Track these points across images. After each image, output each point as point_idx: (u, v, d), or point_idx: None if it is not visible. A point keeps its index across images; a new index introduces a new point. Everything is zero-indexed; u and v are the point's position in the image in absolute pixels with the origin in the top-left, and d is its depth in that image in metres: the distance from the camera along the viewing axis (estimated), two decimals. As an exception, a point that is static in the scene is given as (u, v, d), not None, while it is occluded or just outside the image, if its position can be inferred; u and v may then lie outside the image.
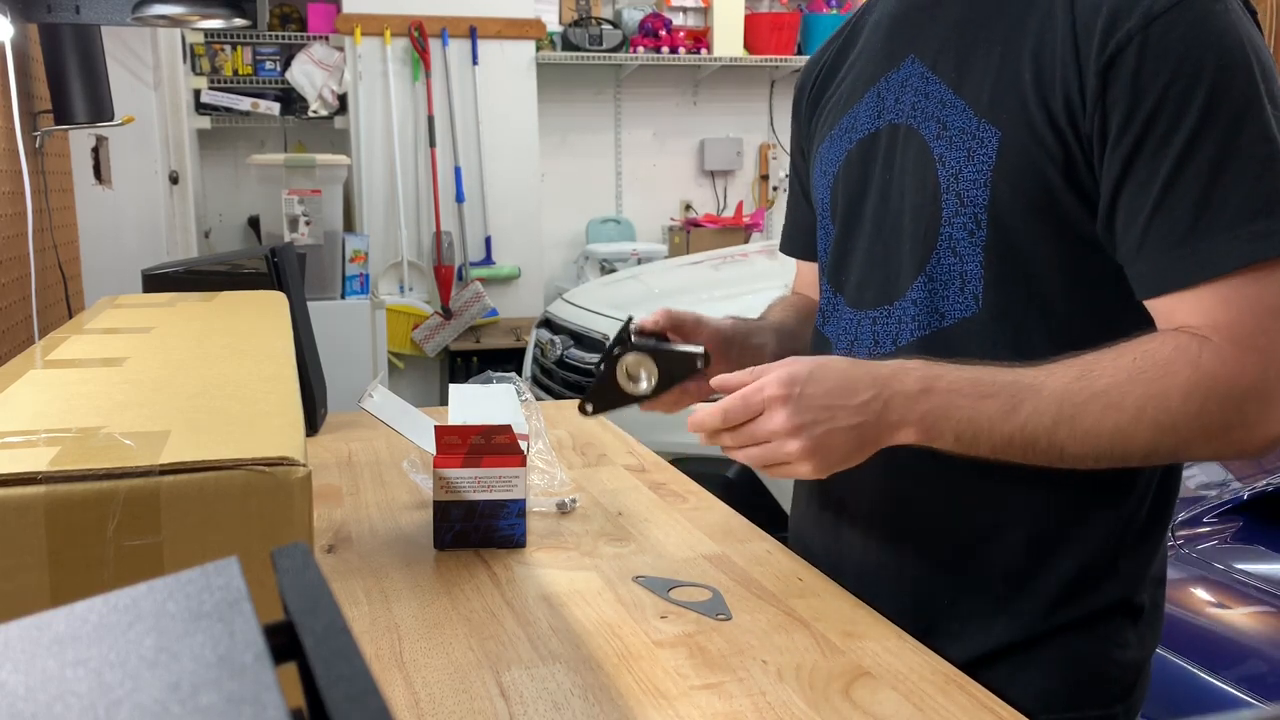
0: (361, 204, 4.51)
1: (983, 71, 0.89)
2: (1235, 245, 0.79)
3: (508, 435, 1.08)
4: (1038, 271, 0.88)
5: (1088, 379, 0.81)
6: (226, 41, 4.43)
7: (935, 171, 0.91)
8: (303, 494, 0.53)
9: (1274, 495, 1.81)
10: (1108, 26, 0.81)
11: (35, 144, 2.22)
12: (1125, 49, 0.80)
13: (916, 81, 0.94)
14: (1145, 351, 0.81)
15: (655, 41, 4.91)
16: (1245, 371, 0.79)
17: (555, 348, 3.33)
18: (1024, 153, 0.85)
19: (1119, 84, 0.81)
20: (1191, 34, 0.79)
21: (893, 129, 0.96)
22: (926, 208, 0.92)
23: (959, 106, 0.90)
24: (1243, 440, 0.81)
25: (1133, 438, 0.80)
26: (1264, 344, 0.79)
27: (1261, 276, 0.79)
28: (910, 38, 0.96)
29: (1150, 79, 0.80)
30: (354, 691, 0.26)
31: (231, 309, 1.04)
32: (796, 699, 0.80)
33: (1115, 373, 0.80)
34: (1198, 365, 0.79)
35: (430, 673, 0.84)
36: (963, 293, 0.91)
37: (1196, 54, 0.79)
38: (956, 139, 0.90)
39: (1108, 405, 0.80)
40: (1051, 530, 0.92)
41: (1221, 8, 0.80)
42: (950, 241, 0.91)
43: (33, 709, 0.26)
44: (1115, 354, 0.82)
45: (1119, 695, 0.94)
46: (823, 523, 1.07)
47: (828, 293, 1.06)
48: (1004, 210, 0.87)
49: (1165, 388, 0.79)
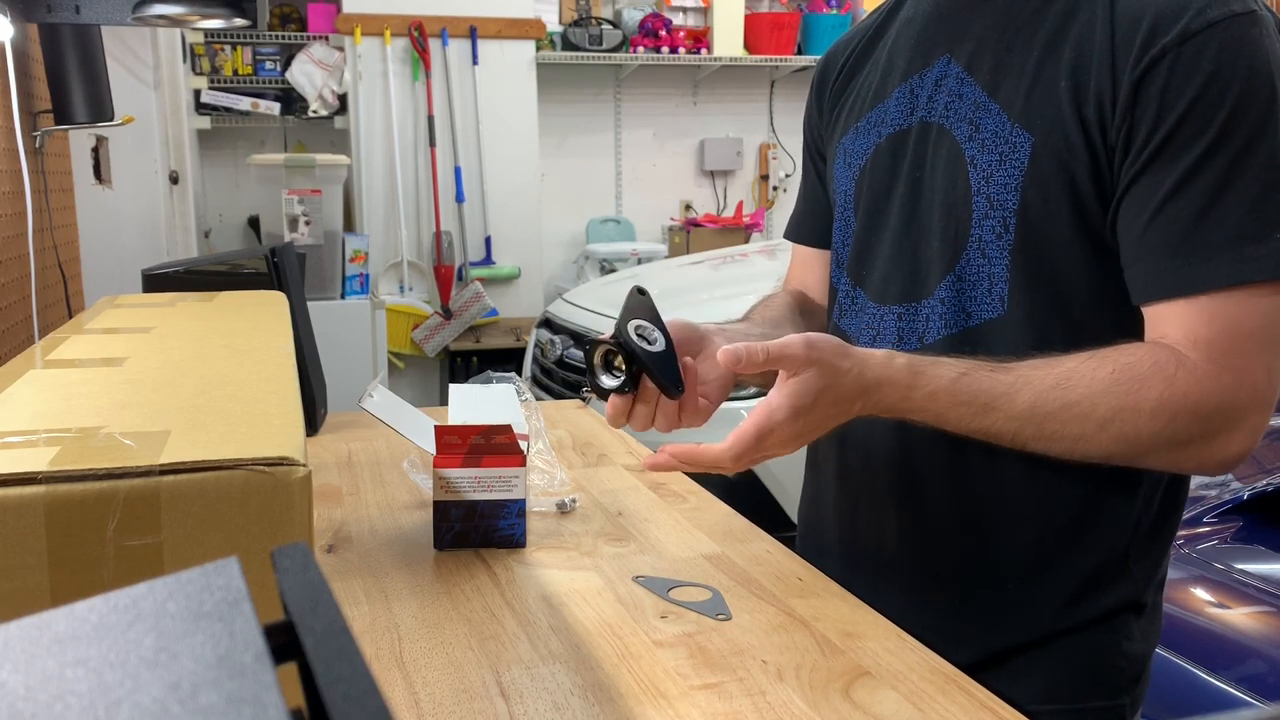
0: (361, 204, 4.51)
1: (1019, 77, 0.89)
2: (1225, 264, 0.80)
3: (508, 435, 1.08)
4: (1064, 277, 0.89)
5: (1064, 388, 0.83)
6: (226, 41, 4.43)
7: (966, 173, 0.92)
8: (303, 494, 0.53)
9: (1274, 495, 1.81)
10: (1146, 40, 0.82)
11: (35, 144, 2.22)
12: (1159, 63, 0.81)
13: (951, 82, 0.95)
14: (1125, 364, 0.82)
15: (655, 41, 4.91)
16: (1216, 390, 0.81)
17: (555, 348, 3.33)
18: (1056, 160, 0.86)
19: (1148, 97, 0.82)
20: (1224, 54, 0.80)
21: (924, 127, 0.96)
22: (957, 208, 0.92)
23: (993, 110, 0.90)
24: (1202, 456, 0.83)
25: (1094, 444, 0.83)
26: (1238, 365, 0.81)
27: (1246, 298, 0.81)
28: (946, 37, 0.97)
29: (1177, 95, 0.81)
30: (354, 691, 0.26)
31: (231, 309, 1.04)
32: (796, 699, 0.80)
33: (1092, 383, 0.82)
34: (1172, 382, 0.81)
35: (430, 673, 0.84)
36: (990, 294, 0.91)
37: (1226, 74, 0.80)
38: (989, 142, 0.90)
39: (1077, 415, 0.82)
40: (1065, 530, 0.93)
41: (1258, 32, 0.81)
42: (980, 243, 0.91)
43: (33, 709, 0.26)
44: (1096, 364, 0.83)
45: (1125, 686, 0.95)
46: (839, 518, 1.07)
47: (846, 286, 1.06)
48: (1033, 216, 0.88)
49: (1137, 401, 0.81)
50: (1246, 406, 0.82)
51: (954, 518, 0.96)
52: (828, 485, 1.09)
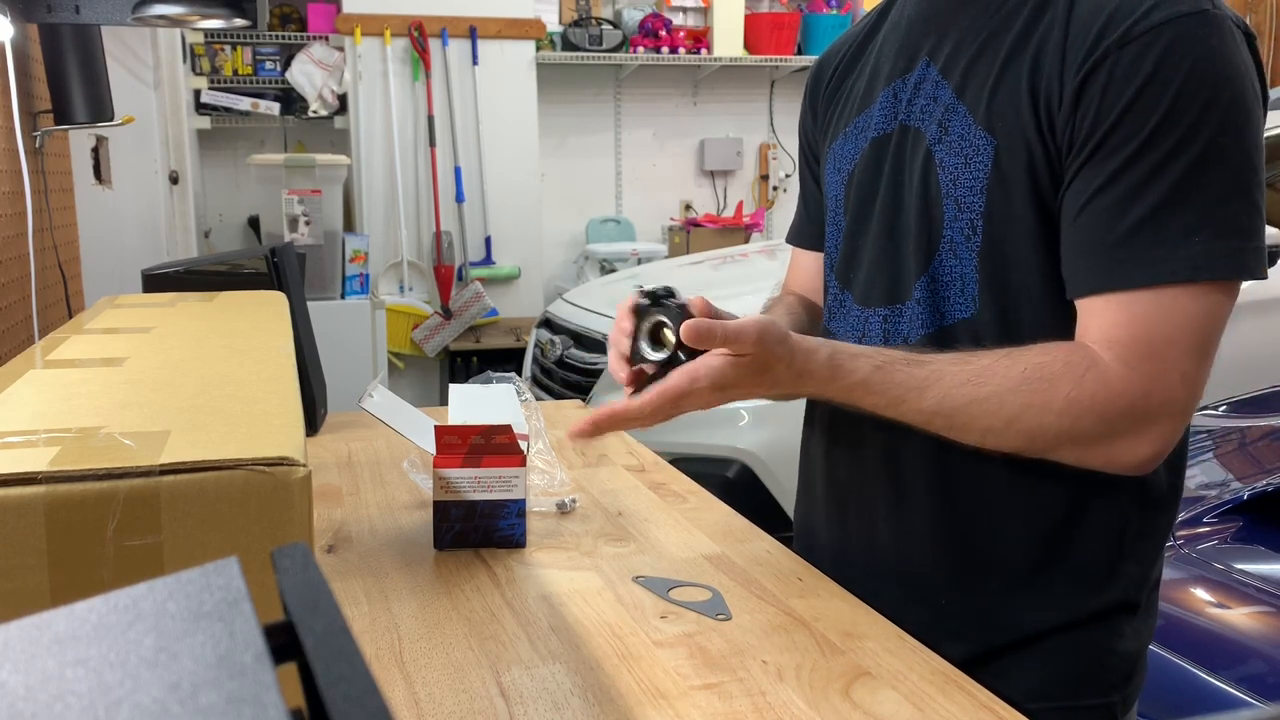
0: (361, 204, 4.51)
1: (985, 79, 0.90)
2: (1141, 264, 0.81)
3: (508, 435, 1.08)
4: (1030, 276, 0.89)
5: (974, 384, 0.85)
6: (226, 41, 4.43)
7: (937, 175, 0.92)
8: (303, 494, 0.53)
9: (1274, 495, 1.81)
10: (1094, 42, 0.83)
11: (35, 144, 2.22)
12: (1100, 65, 0.82)
13: (929, 85, 0.95)
14: (1037, 364, 0.84)
15: (655, 41, 4.91)
16: (1124, 393, 0.82)
17: (555, 348, 3.33)
18: (1017, 163, 0.87)
19: (1089, 98, 0.83)
20: (1164, 56, 0.80)
21: (903, 130, 0.97)
22: (930, 211, 0.93)
23: (960, 112, 0.91)
24: (1109, 455, 0.85)
25: (1002, 437, 0.86)
26: (1151, 369, 0.82)
27: (1164, 300, 0.81)
28: (926, 41, 0.97)
29: (1116, 96, 0.81)
30: (354, 691, 0.26)
31: (231, 309, 1.04)
32: (796, 699, 0.80)
33: (1004, 380, 0.84)
34: (1080, 382, 0.82)
35: (430, 673, 0.84)
36: (962, 294, 0.92)
37: (1165, 75, 0.80)
38: (955, 144, 0.91)
39: (985, 410, 0.85)
40: (1051, 531, 0.93)
41: (1205, 33, 0.80)
42: (951, 245, 0.92)
43: (33, 709, 0.26)
44: (1010, 362, 0.85)
45: (1117, 684, 0.95)
46: (829, 517, 1.07)
47: (834, 289, 1.07)
48: (998, 217, 0.89)
49: (1045, 400, 0.83)
50: (1156, 411, 0.82)
51: (940, 518, 0.96)
52: (817, 486, 1.10)
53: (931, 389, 0.86)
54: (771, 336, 0.85)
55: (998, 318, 0.90)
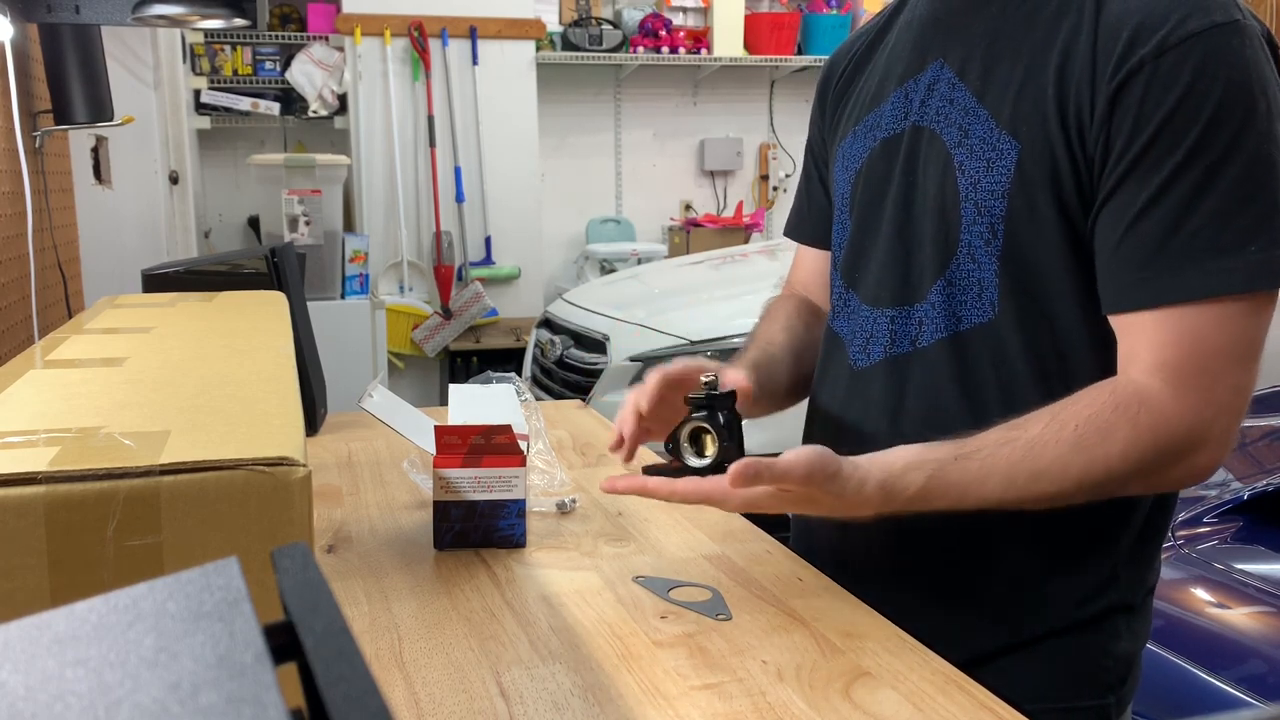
0: (361, 204, 4.51)
1: (1007, 83, 0.89)
2: (1193, 277, 0.80)
3: (508, 435, 1.08)
4: (1050, 283, 0.89)
5: (1032, 459, 0.83)
6: (226, 41, 4.43)
7: (955, 178, 0.92)
8: (303, 494, 0.53)
9: (1274, 495, 1.81)
10: (1125, 51, 0.82)
11: (35, 144, 2.22)
12: (1136, 75, 0.81)
13: (943, 87, 0.95)
14: (1087, 418, 0.83)
15: (655, 41, 4.91)
16: (1182, 417, 0.82)
17: (555, 348, 3.33)
18: (1041, 168, 0.86)
19: (1124, 109, 0.82)
20: (1201, 66, 0.79)
21: (916, 131, 0.96)
22: (947, 213, 0.93)
23: (981, 116, 0.90)
24: (1176, 476, 0.85)
25: (1073, 497, 0.85)
26: (1204, 384, 0.81)
27: (1215, 312, 0.81)
28: (940, 42, 0.97)
29: (1154, 108, 0.81)
30: (354, 691, 0.26)
31: (231, 309, 1.04)
32: (796, 699, 0.80)
33: (1058, 446, 0.83)
34: (1135, 424, 0.82)
35: (430, 673, 0.84)
36: (980, 299, 0.92)
37: (1202, 87, 0.79)
38: (977, 148, 0.90)
39: (1051, 479, 0.84)
40: (1054, 535, 0.93)
41: (1238, 42, 0.80)
42: (969, 249, 0.91)
43: (33, 709, 0.26)
44: (1059, 425, 0.83)
45: (1112, 685, 0.96)
46: (827, 521, 1.07)
47: (840, 288, 1.06)
48: (1020, 222, 0.88)
49: (1106, 452, 0.82)
50: (1212, 423, 0.82)
51: (940, 520, 0.96)
52: None
53: (991, 479, 0.84)
54: (820, 476, 0.82)
55: (1016, 323, 0.90)
